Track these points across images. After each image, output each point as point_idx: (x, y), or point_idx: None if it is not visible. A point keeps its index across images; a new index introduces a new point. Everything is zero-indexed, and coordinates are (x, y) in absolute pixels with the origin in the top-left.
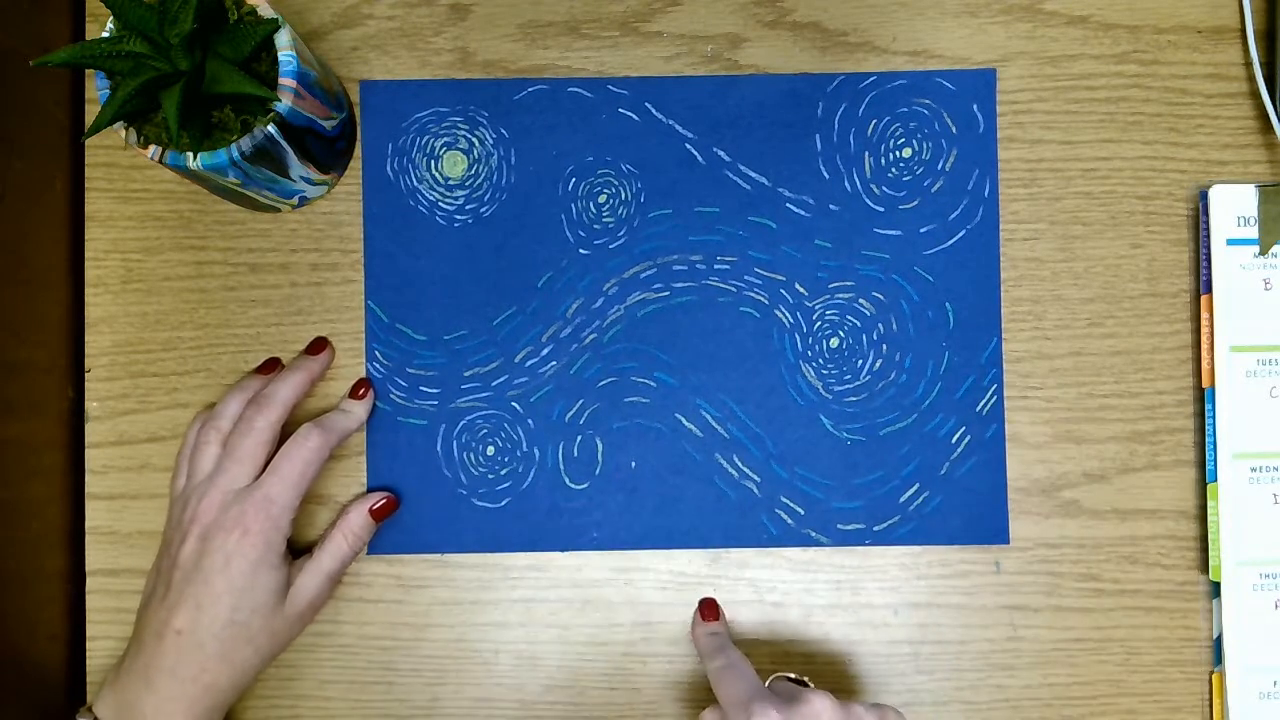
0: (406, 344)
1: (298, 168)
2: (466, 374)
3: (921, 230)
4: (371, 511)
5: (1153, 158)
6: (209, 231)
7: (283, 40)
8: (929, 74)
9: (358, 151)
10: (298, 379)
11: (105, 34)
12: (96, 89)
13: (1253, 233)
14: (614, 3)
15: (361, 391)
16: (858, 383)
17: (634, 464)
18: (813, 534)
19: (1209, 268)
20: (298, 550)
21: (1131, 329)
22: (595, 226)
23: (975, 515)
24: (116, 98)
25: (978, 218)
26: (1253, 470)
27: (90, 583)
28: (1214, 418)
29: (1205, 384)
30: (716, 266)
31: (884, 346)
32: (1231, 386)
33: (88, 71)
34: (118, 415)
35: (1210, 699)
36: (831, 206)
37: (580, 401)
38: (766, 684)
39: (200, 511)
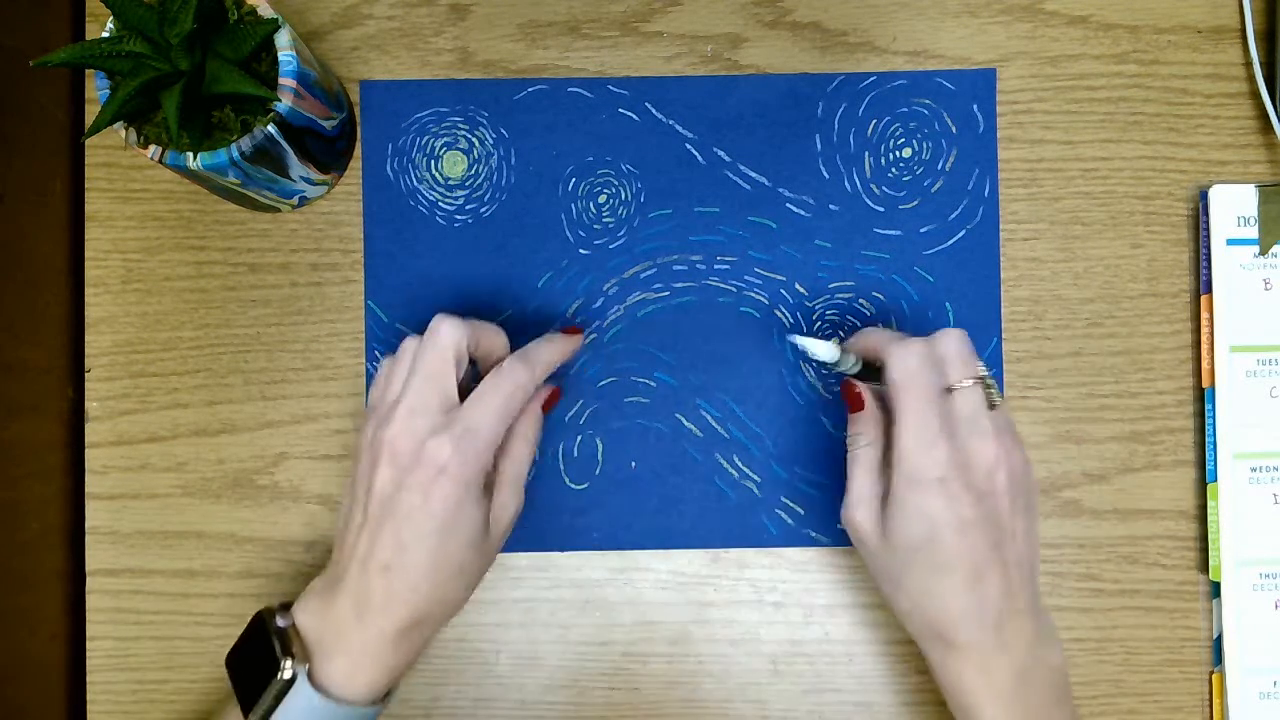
0: None
1: (298, 168)
2: None
3: (921, 230)
4: (542, 409)
5: (1153, 158)
6: (209, 231)
7: (283, 40)
8: (929, 74)
9: (358, 151)
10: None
11: (105, 34)
12: (96, 89)
13: (1253, 233)
14: (614, 3)
15: (571, 330)
16: None
17: (634, 464)
18: (813, 534)
19: (1209, 268)
20: None
21: (1131, 329)
22: (595, 226)
23: None
24: (116, 98)
25: (978, 218)
26: (1253, 470)
27: (90, 583)
28: (1214, 418)
29: (1205, 384)
30: (716, 266)
31: None
32: (1231, 386)
33: (88, 71)
34: (118, 415)
35: (1210, 699)
36: (831, 206)
37: (580, 401)
38: None
39: (391, 438)
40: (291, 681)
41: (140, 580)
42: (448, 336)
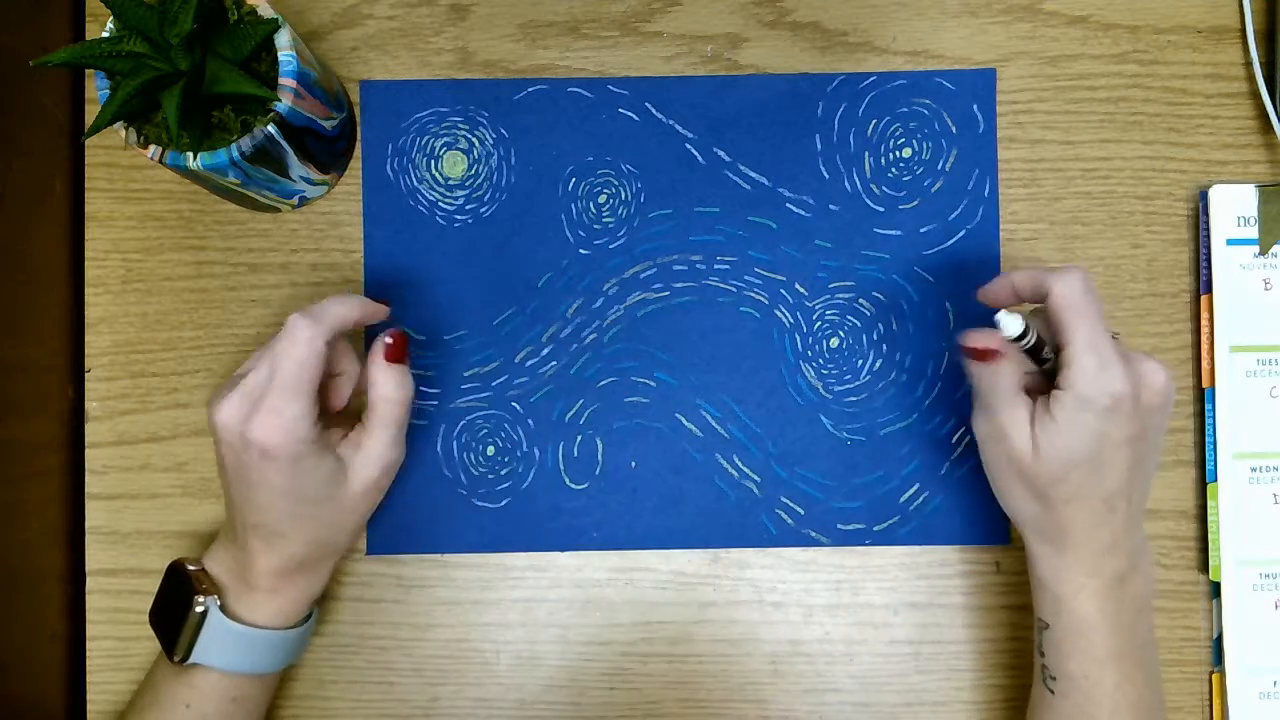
0: None
1: (298, 168)
2: (466, 374)
3: (921, 230)
4: (386, 360)
5: (1153, 158)
6: (209, 231)
7: (283, 40)
8: (929, 74)
9: (358, 151)
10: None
11: (105, 34)
12: (96, 89)
13: (1253, 233)
14: (614, 3)
15: (381, 300)
16: (858, 383)
17: (634, 464)
18: (813, 534)
19: (1209, 268)
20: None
21: (1131, 329)
22: (595, 226)
23: (975, 515)
24: (116, 98)
25: (978, 218)
26: (1253, 470)
27: (90, 583)
28: (1214, 418)
29: (1205, 384)
30: (716, 266)
31: (884, 346)
32: (1231, 386)
33: (88, 71)
34: (118, 415)
35: (1210, 699)
36: (831, 206)
37: (580, 401)
38: None
39: (224, 416)
40: (205, 615)
41: (140, 580)
42: (302, 332)
